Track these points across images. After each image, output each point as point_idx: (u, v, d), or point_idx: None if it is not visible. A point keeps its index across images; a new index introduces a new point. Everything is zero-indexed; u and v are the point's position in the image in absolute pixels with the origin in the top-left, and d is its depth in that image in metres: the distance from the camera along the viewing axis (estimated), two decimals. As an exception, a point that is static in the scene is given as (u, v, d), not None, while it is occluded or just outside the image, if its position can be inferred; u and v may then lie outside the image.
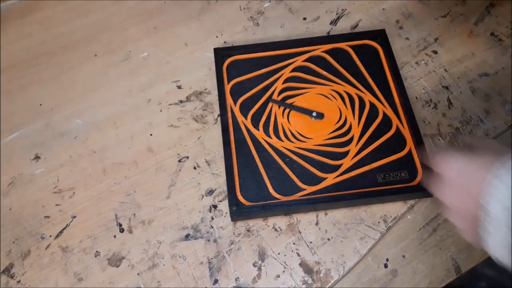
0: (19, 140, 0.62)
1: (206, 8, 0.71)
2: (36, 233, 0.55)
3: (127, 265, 0.53)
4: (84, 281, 0.53)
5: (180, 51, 0.68)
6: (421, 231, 0.54)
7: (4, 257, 0.54)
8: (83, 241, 0.55)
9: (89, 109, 0.63)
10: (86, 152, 0.60)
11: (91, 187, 0.58)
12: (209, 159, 0.59)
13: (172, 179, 0.58)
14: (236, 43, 0.67)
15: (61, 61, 0.67)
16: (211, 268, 0.53)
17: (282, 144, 0.58)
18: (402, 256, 0.53)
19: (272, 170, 0.56)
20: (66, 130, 0.62)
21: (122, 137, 0.61)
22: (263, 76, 0.63)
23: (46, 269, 0.53)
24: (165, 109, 0.63)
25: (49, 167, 0.59)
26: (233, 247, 0.54)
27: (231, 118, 0.60)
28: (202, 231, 0.55)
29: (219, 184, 0.57)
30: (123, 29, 0.70)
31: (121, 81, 0.65)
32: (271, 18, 0.70)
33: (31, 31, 0.70)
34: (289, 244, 0.54)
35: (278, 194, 0.55)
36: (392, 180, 0.55)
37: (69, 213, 0.56)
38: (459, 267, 0.53)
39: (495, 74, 0.63)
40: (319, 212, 0.55)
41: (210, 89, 0.64)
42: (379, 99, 0.60)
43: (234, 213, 0.53)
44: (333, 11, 0.70)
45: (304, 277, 0.52)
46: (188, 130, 0.61)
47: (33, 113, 0.63)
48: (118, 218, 0.56)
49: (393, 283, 0.52)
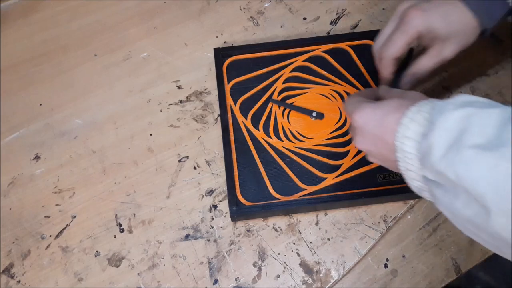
0: (19, 140, 0.62)
1: (206, 8, 0.71)
2: (36, 233, 0.55)
3: (127, 265, 0.53)
4: (84, 281, 0.53)
5: (180, 51, 0.68)
6: (421, 231, 0.54)
7: (4, 257, 0.54)
8: (83, 241, 0.55)
9: (89, 109, 0.63)
10: (86, 152, 0.60)
11: (91, 187, 0.58)
12: (209, 159, 0.59)
13: (172, 179, 0.58)
14: (236, 43, 0.67)
15: (61, 61, 0.67)
16: (211, 268, 0.53)
17: (282, 144, 0.58)
18: (402, 256, 0.53)
19: (272, 170, 0.56)
20: (66, 130, 0.62)
21: (122, 137, 0.61)
22: (263, 76, 0.63)
23: (46, 269, 0.53)
24: (165, 109, 0.63)
25: (49, 167, 0.59)
26: (233, 247, 0.54)
27: (231, 118, 0.60)
28: (202, 231, 0.55)
29: (219, 184, 0.57)
30: (123, 29, 0.70)
31: (121, 81, 0.65)
32: (271, 18, 0.70)
33: (31, 31, 0.70)
34: (289, 244, 0.54)
35: (278, 194, 0.55)
36: (392, 180, 0.55)
37: (69, 213, 0.56)
38: (459, 267, 0.53)
39: (495, 74, 0.63)
40: (319, 212, 0.55)
41: (210, 89, 0.64)
42: (379, 99, 0.60)
43: (234, 213, 0.53)
44: (333, 11, 0.70)
45: (304, 277, 0.52)
46: (188, 130, 0.61)
47: (33, 113, 0.63)
48: (118, 218, 0.56)
49: (393, 283, 0.52)
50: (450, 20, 0.45)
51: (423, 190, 0.39)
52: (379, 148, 0.41)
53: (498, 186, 0.29)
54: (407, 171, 0.38)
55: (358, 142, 0.43)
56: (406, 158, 0.37)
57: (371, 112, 0.41)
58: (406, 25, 0.46)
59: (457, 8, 0.46)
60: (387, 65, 0.50)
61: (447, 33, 0.46)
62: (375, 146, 0.41)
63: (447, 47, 0.47)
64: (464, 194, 0.32)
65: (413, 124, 0.36)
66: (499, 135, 0.31)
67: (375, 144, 0.41)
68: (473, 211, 0.32)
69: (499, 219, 0.29)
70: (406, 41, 0.47)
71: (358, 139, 0.43)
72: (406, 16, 0.46)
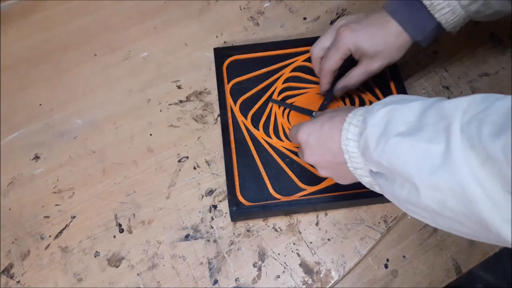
0: (19, 140, 0.61)
1: (206, 8, 0.71)
2: (35, 233, 0.55)
3: (126, 265, 0.53)
4: (84, 281, 0.52)
5: (180, 51, 0.68)
6: (421, 231, 0.54)
7: (4, 257, 0.54)
8: (82, 241, 0.55)
9: (89, 109, 0.63)
10: (86, 152, 0.60)
11: (91, 187, 0.58)
12: (209, 159, 0.59)
13: (172, 179, 0.58)
14: (236, 43, 0.67)
15: (61, 61, 0.67)
16: (211, 269, 0.53)
17: (282, 144, 0.58)
18: (403, 256, 0.53)
19: (272, 170, 0.56)
20: (66, 130, 0.62)
21: (122, 137, 0.61)
22: (263, 76, 0.63)
23: (46, 269, 0.53)
24: (165, 109, 0.63)
25: (49, 167, 0.59)
26: (233, 247, 0.54)
27: (231, 118, 0.60)
28: (202, 231, 0.55)
29: (219, 184, 0.57)
30: (123, 29, 0.70)
31: (121, 81, 0.65)
32: (271, 18, 0.70)
33: (31, 31, 0.70)
34: (289, 245, 0.54)
35: (278, 194, 0.55)
36: (392, 180, 0.55)
37: (68, 213, 0.56)
38: (459, 267, 0.53)
39: (495, 74, 0.63)
40: (319, 212, 0.55)
41: (210, 89, 0.64)
42: (380, 99, 0.60)
43: (234, 213, 0.53)
44: (333, 11, 0.70)
45: (304, 277, 0.52)
46: (188, 130, 0.61)
47: (33, 113, 0.63)
48: (118, 218, 0.56)
49: (393, 283, 0.52)
50: (375, 41, 0.52)
51: (373, 184, 0.42)
52: (325, 156, 0.44)
53: (419, 164, 0.33)
54: (355, 169, 0.42)
55: (306, 156, 0.47)
56: (352, 158, 0.41)
57: (310, 126, 0.46)
58: (339, 43, 0.53)
59: (385, 27, 0.51)
60: (326, 76, 0.56)
61: (373, 52, 0.52)
62: (322, 156, 0.45)
63: (374, 63, 0.53)
64: (398, 178, 0.36)
65: (351, 127, 0.41)
66: (417, 122, 0.35)
67: (321, 154, 0.45)
68: (407, 191, 0.36)
69: (426, 193, 0.33)
70: (339, 57, 0.53)
71: (306, 154, 0.46)
72: (338, 34, 0.53)
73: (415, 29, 0.51)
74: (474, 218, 0.31)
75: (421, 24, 0.50)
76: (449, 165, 0.31)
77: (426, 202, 0.34)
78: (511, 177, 0.28)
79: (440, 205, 0.33)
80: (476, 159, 0.30)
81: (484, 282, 0.76)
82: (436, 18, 0.49)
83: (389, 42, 0.52)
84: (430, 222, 0.37)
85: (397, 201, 0.39)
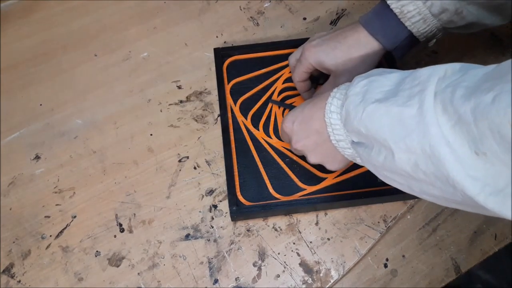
0: (19, 140, 0.62)
1: (206, 8, 0.71)
2: (36, 233, 0.55)
3: (127, 265, 0.53)
4: (84, 281, 0.53)
5: (180, 51, 0.68)
6: (420, 231, 0.55)
7: (4, 257, 0.54)
8: (83, 241, 0.55)
9: (89, 109, 0.63)
10: (86, 152, 0.60)
11: (91, 187, 0.58)
12: (209, 159, 0.59)
13: (172, 179, 0.58)
14: (236, 43, 0.67)
15: (61, 61, 0.67)
16: (211, 268, 0.53)
17: (282, 144, 0.58)
18: (402, 256, 0.53)
19: (272, 170, 0.56)
20: (66, 130, 0.62)
21: (122, 137, 0.61)
22: (263, 76, 0.63)
23: (46, 269, 0.53)
24: (165, 109, 0.63)
25: (49, 167, 0.59)
26: (233, 247, 0.54)
27: (231, 118, 0.60)
28: (202, 231, 0.55)
29: (219, 184, 0.57)
30: (123, 29, 0.70)
31: (121, 81, 0.65)
32: (271, 18, 0.70)
33: (31, 31, 0.70)
34: (289, 244, 0.54)
35: (278, 194, 0.55)
36: (392, 180, 0.55)
37: (69, 213, 0.56)
38: (458, 267, 0.53)
39: (495, 74, 0.63)
40: (319, 212, 0.55)
41: (210, 89, 0.64)
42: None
43: (234, 213, 0.53)
44: (333, 11, 0.70)
45: (304, 277, 0.52)
46: (188, 130, 0.61)
47: (33, 113, 0.63)
48: (118, 218, 0.56)
49: (393, 283, 0.52)
50: (335, 54, 0.52)
51: (355, 156, 0.43)
52: (311, 137, 0.46)
53: (393, 128, 0.35)
54: (338, 142, 0.43)
55: (294, 142, 0.48)
56: (334, 130, 0.42)
57: (293, 113, 0.48)
58: (302, 57, 0.55)
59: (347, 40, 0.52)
60: (297, 86, 0.58)
61: (334, 65, 0.53)
62: (307, 138, 0.46)
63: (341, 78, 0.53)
64: (375, 144, 0.37)
65: (335, 100, 0.42)
66: (394, 90, 0.37)
67: (307, 136, 0.46)
68: (383, 156, 0.37)
69: (401, 156, 0.34)
70: (304, 71, 0.55)
71: (294, 140, 0.48)
72: (303, 50, 0.54)
73: (385, 37, 0.50)
74: (443, 178, 0.32)
75: (392, 33, 0.50)
76: (421, 127, 0.32)
77: (400, 165, 0.35)
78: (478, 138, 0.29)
79: (413, 167, 0.34)
80: (448, 122, 0.31)
81: (483, 282, 0.76)
82: (407, 27, 0.49)
83: (351, 54, 0.52)
84: (405, 188, 0.38)
85: (375, 168, 0.40)
